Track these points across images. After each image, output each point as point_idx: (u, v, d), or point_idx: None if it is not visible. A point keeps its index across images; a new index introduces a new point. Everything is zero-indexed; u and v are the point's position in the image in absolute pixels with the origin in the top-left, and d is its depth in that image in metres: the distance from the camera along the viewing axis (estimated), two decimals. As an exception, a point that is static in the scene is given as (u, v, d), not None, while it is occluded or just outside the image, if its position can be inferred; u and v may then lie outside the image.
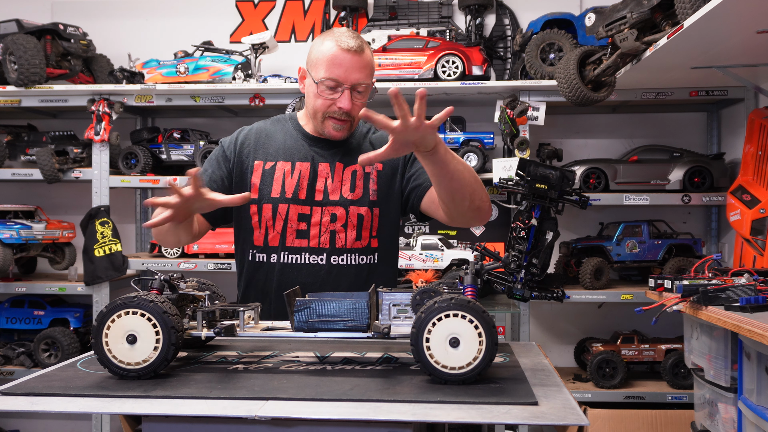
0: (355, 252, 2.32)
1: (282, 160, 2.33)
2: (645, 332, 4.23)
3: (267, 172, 2.32)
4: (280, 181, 2.30)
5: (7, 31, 4.16)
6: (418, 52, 4.11)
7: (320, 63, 2.22)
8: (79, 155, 4.36)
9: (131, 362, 1.61)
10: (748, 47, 2.96)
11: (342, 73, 2.20)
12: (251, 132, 2.42)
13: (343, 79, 2.21)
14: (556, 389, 1.57)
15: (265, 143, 2.38)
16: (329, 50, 2.21)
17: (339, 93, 2.23)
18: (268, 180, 2.31)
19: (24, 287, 4.31)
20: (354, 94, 2.24)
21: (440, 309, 1.54)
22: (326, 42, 2.24)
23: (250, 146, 2.37)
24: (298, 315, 1.69)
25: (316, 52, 2.25)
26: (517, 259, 1.70)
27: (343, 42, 2.21)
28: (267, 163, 2.33)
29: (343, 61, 2.20)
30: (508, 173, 3.88)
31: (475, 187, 2.11)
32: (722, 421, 2.82)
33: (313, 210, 2.29)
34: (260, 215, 2.30)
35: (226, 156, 2.37)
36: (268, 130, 2.42)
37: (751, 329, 2.12)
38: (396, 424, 1.41)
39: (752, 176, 3.43)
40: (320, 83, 2.22)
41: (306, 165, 2.32)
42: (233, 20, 4.84)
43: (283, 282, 2.27)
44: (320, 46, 2.25)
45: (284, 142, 2.37)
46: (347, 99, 2.22)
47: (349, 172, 2.33)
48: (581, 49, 3.54)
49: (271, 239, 2.31)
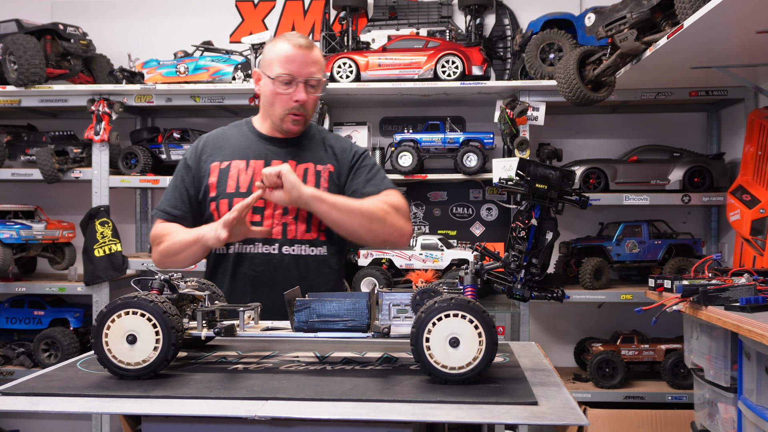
0: (305, 243, 2.47)
1: (237, 159, 2.50)
2: (645, 332, 4.23)
3: (223, 171, 2.49)
4: (235, 177, 2.47)
5: (7, 31, 4.16)
6: (418, 52, 4.11)
7: (274, 62, 2.42)
8: (79, 155, 4.35)
9: (131, 362, 1.61)
10: (748, 47, 2.96)
11: (296, 68, 2.40)
12: (209, 138, 2.60)
13: (297, 74, 2.41)
14: (556, 389, 1.57)
15: (222, 146, 2.55)
16: (282, 49, 2.42)
17: (294, 87, 2.42)
18: (223, 178, 2.48)
19: (24, 287, 4.31)
20: (307, 88, 2.43)
21: (440, 309, 1.54)
22: (278, 43, 2.45)
23: (208, 151, 2.55)
24: (298, 315, 1.69)
25: (270, 54, 2.46)
26: (517, 259, 1.70)
27: (294, 41, 2.42)
28: (223, 163, 2.50)
29: (296, 57, 2.40)
30: (508, 173, 3.88)
31: (372, 227, 2.36)
32: (722, 421, 2.82)
33: (266, 203, 2.42)
34: (218, 211, 2.45)
35: (188, 166, 2.54)
36: (225, 134, 2.60)
37: (751, 329, 2.13)
38: (396, 424, 1.41)
39: (752, 176, 3.43)
40: (276, 79, 2.41)
41: (260, 162, 2.48)
42: (233, 20, 4.84)
43: (238, 270, 2.45)
44: (273, 47, 2.46)
45: (239, 143, 2.55)
46: (302, 91, 2.42)
47: (302, 169, 2.49)
48: (581, 49, 3.54)
49: None
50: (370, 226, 2.36)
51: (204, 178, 2.50)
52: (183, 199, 2.51)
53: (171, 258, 2.43)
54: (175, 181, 2.55)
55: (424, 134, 4.19)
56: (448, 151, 4.17)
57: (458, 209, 4.67)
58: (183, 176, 2.53)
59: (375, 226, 2.36)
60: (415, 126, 4.64)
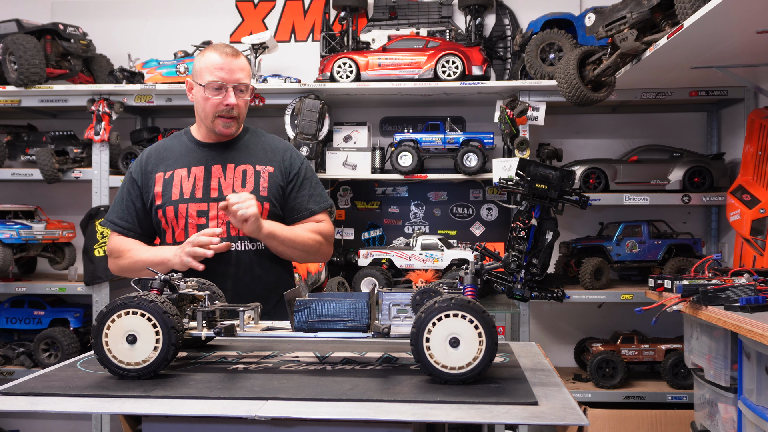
0: (246, 239, 2.61)
1: (179, 168, 2.65)
2: (645, 332, 4.23)
3: (167, 181, 2.64)
4: (179, 185, 2.62)
5: (7, 31, 4.16)
6: (418, 52, 4.11)
7: (204, 70, 2.58)
8: (79, 155, 4.35)
9: (131, 362, 1.61)
10: (748, 47, 2.96)
11: (225, 74, 2.56)
12: (152, 151, 2.74)
13: (227, 80, 2.57)
14: (556, 389, 1.57)
15: (164, 156, 2.70)
16: (210, 58, 2.59)
17: (224, 92, 2.57)
18: (168, 187, 2.63)
19: (24, 287, 4.31)
20: (237, 93, 2.59)
21: (440, 309, 1.54)
22: (207, 53, 2.61)
23: (151, 163, 2.69)
24: (298, 315, 1.69)
25: (200, 63, 2.61)
26: (517, 259, 1.70)
27: (221, 50, 2.59)
28: (167, 173, 2.65)
29: (224, 65, 2.56)
30: (508, 173, 3.88)
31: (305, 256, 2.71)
32: (722, 421, 2.82)
33: (209, 206, 2.59)
34: (166, 217, 2.62)
35: (133, 179, 2.69)
36: (167, 145, 2.75)
37: (751, 329, 2.13)
38: (396, 424, 1.41)
39: (752, 176, 3.43)
40: (207, 86, 2.56)
41: (200, 168, 2.64)
42: (233, 20, 4.84)
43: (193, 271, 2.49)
44: (202, 58, 2.62)
45: (180, 152, 2.69)
46: (232, 96, 2.57)
47: (240, 170, 2.65)
48: (581, 49, 3.54)
49: (177, 236, 2.62)
50: (305, 256, 2.70)
51: (150, 188, 2.65)
52: (130, 211, 2.67)
53: (132, 273, 2.58)
54: (122, 193, 2.71)
55: (424, 134, 4.19)
56: (448, 151, 4.17)
57: (458, 209, 4.67)
58: (129, 189, 2.69)
59: (308, 256, 2.72)
60: (415, 126, 4.64)
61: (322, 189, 2.78)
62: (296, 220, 2.71)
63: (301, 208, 2.71)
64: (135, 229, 2.68)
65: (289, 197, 2.70)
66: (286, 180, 2.70)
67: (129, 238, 2.67)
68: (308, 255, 2.70)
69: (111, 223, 2.70)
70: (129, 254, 2.63)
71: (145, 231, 2.70)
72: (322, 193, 2.77)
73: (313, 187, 2.75)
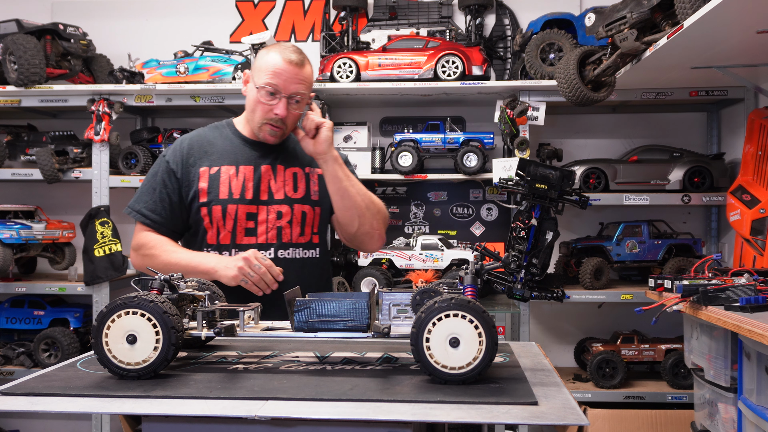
0: (299, 246, 2.51)
1: (226, 164, 2.50)
2: (645, 332, 4.23)
3: (213, 177, 2.48)
4: (227, 183, 2.47)
5: (7, 31, 4.15)
6: (418, 52, 4.11)
7: (263, 71, 2.42)
8: (79, 155, 4.35)
9: (131, 362, 1.61)
10: (748, 47, 2.96)
11: (281, 82, 2.41)
12: (194, 142, 2.56)
13: (282, 88, 2.41)
14: (556, 389, 1.57)
15: (207, 150, 2.53)
16: (273, 60, 2.42)
17: (276, 100, 2.43)
18: (215, 183, 2.47)
19: (24, 287, 4.31)
20: (290, 104, 2.44)
21: (440, 309, 1.54)
22: (271, 53, 2.45)
23: (194, 155, 2.52)
24: (298, 315, 1.69)
25: (261, 61, 2.46)
26: (517, 259, 1.70)
27: (286, 55, 2.42)
28: (212, 169, 2.49)
29: (284, 72, 2.40)
30: (508, 173, 3.88)
31: (364, 212, 2.48)
32: (722, 421, 2.82)
33: (259, 209, 2.47)
34: (210, 216, 2.46)
35: (171, 170, 2.50)
36: (209, 138, 2.58)
37: (751, 329, 2.12)
38: (396, 424, 1.41)
39: (752, 176, 3.43)
40: (261, 88, 2.42)
41: (249, 168, 2.50)
42: (233, 20, 4.84)
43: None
44: (266, 56, 2.46)
45: (225, 148, 2.54)
46: (283, 107, 2.43)
47: (290, 173, 2.53)
48: (581, 49, 3.54)
49: (222, 238, 2.47)
50: (365, 211, 2.49)
51: (193, 183, 2.48)
52: (164, 205, 2.49)
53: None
54: (154, 183, 2.50)
55: (424, 134, 4.19)
56: (448, 151, 4.17)
57: (458, 209, 4.67)
58: (165, 181, 2.49)
59: (368, 213, 2.50)
60: (415, 126, 4.64)
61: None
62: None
63: None
64: (167, 224, 2.50)
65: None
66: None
67: (160, 235, 2.48)
68: (368, 211, 2.50)
69: (140, 214, 2.50)
70: (161, 254, 2.43)
71: (176, 227, 2.52)
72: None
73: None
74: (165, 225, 2.49)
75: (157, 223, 2.49)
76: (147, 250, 2.47)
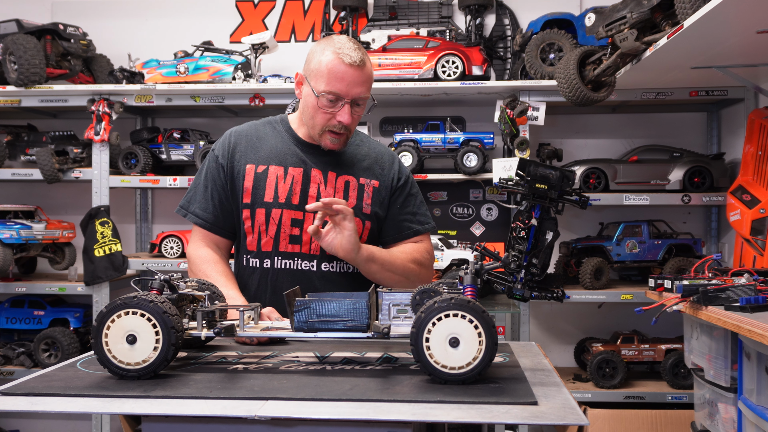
0: (342, 260, 2.27)
1: (274, 164, 2.31)
2: (645, 332, 4.23)
3: (259, 176, 2.30)
4: (273, 185, 2.29)
5: (7, 31, 4.16)
6: (418, 52, 4.11)
7: (321, 74, 2.19)
8: (79, 155, 4.36)
9: (131, 362, 1.61)
10: (748, 47, 2.96)
11: (344, 87, 2.18)
12: (242, 134, 2.39)
13: (344, 94, 2.20)
14: (556, 389, 1.57)
15: (256, 146, 2.35)
16: (331, 62, 2.18)
17: (339, 107, 2.21)
18: (260, 184, 2.29)
19: (24, 287, 4.31)
20: (353, 108, 2.24)
21: (440, 309, 1.54)
22: (327, 52, 2.20)
23: (241, 149, 2.34)
24: (298, 315, 1.68)
25: (317, 62, 2.21)
26: (517, 259, 1.70)
27: (346, 55, 2.18)
28: (259, 167, 2.31)
29: (345, 76, 2.18)
30: (508, 173, 3.88)
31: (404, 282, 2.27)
32: (722, 421, 2.82)
33: (305, 216, 2.27)
34: (253, 220, 2.29)
35: (219, 164, 2.34)
36: (259, 133, 2.39)
37: (751, 329, 2.12)
38: (396, 424, 1.41)
39: (752, 176, 3.43)
40: (321, 96, 2.20)
41: (299, 170, 2.31)
42: (233, 20, 4.84)
43: (277, 287, 2.26)
44: (321, 55, 2.21)
45: (276, 146, 2.35)
46: (347, 113, 2.21)
47: (342, 181, 2.33)
48: (581, 49, 3.54)
49: (264, 244, 2.30)
50: (404, 282, 2.29)
51: (237, 180, 2.31)
52: (215, 202, 2.33)
53: None
54: (204, 179, 2.35)
55: (424, 134, 4.19)
56: (448, 151, 4.17)
57: (458, 209, 4.67)
58: (214, 176, 2.33)
59: (406, 282, 2.29)
60: (415, 126, 4.64)
61: (426, 208, 2.46)
62: (395, 240, 2.39)
63: (402, 227, 2.39)
64: (221, 223, 2.33)
65: (390, 214, 2.38)
66: (390, 195, 2.38)
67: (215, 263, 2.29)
68: (407, 281, 2.29)
69: (194, 215, 2.33)
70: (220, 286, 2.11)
71: (227, 227, 2.35)
72: (426, 212, 2.45)
73: (418, 206, 2.43)
74: (219, 225, 2.34)
75: (211, 224, 2.34)
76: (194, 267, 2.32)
